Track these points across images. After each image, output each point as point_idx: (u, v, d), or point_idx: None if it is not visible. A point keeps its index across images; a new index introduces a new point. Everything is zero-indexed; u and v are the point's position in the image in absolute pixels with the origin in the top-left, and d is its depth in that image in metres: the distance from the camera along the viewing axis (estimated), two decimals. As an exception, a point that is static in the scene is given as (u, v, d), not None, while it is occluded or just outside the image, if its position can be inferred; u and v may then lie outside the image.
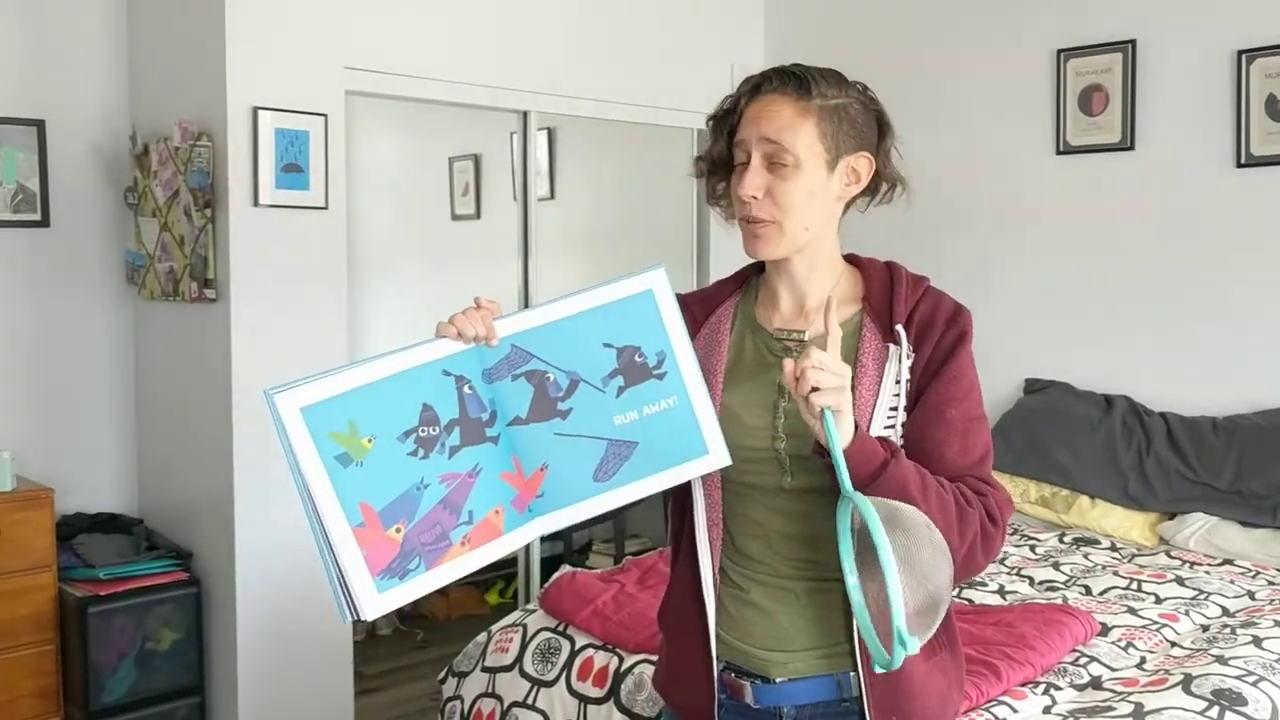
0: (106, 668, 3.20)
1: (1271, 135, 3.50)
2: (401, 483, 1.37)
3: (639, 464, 1.46)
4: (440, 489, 1.39)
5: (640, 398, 1.46)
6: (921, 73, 4.29)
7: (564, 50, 4.07)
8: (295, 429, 1.33)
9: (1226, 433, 3.46)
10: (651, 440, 1.46)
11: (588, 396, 1.46)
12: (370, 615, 1.35)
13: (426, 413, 1.40)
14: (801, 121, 1.47)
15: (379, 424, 1.37)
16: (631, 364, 1.46)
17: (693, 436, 1.46)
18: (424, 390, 1.40)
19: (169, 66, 3.47)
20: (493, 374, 1.44)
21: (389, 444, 1.37)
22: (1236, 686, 2.16)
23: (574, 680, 2.50)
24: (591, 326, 1.46)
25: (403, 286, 5.79)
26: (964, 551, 1.39)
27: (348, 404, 1.36)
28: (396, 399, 1.39)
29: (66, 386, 3.55)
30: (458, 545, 1.40)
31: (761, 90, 1.50)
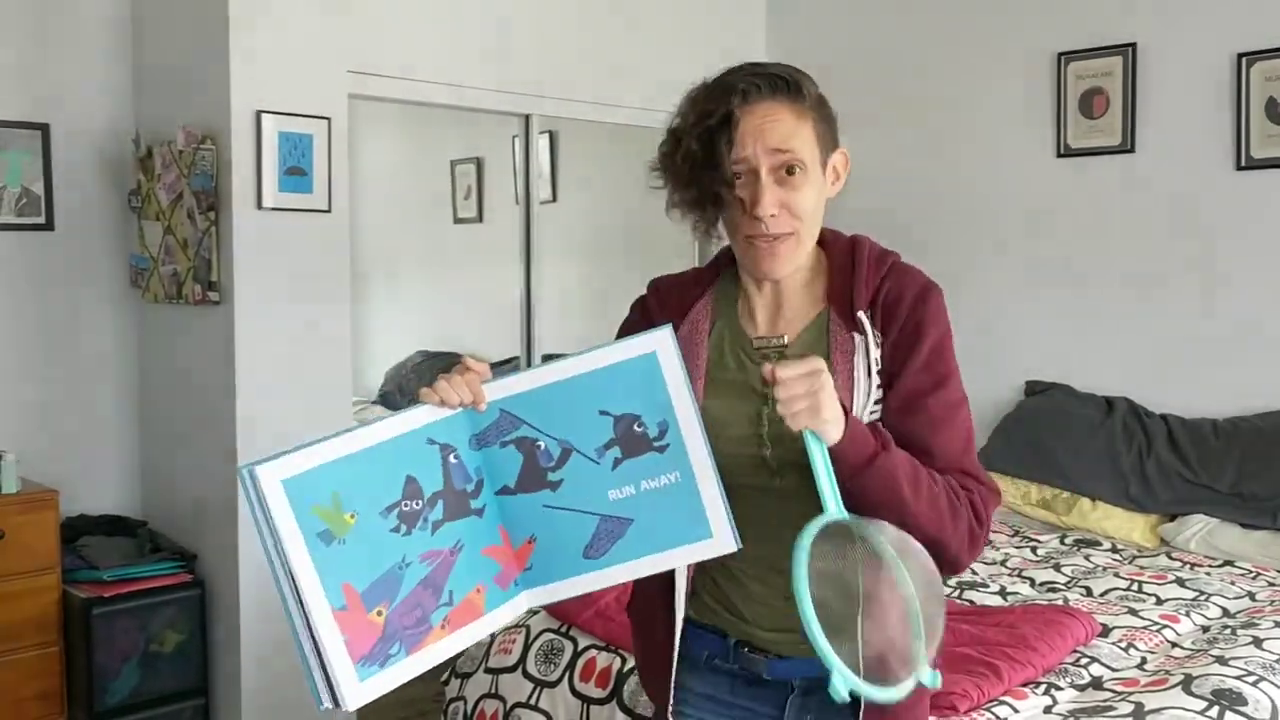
0: (110, 669, 3.21)
1: (1271, 138, 3.51)
2: (384, 561, 1.29)
3: (634, 543, 1.36)
4: (422, 568, 1.32)
5: (638, 471, 1.35)
6: (923, 77, 4.30)
7: (566, 54, 4.08)
8: (277, 503, 1.25)
9: (1227, 435, 3.47)
10: (649, 518, 1.36)
11: (580, 467, 1.36)
12: (352, 706, 1.28)
13: (410, 485, 1.32)
14: (801, 125, 1.42)
15: (362, 498, 1.29)
16: (630, 434, 1.35)
17: (695, 517, 1.36)
18: (408, 461, 1.32)
19: (172, 71, 3.48)
20: (481, 439, 1.37)
21: (372, 519, 1.30)
22: (1236, 686, 2.17)
23: (577, 681, 2.51)
24: (587, 392, 1.36)
25: (405, 289, 5.80)
26: (955, 543, 1.37)
27: (331, 475, 1.28)
28: (380, 471, 1.31)
29: (71, 389, 3.56)
30: (438, 628, 1.33)
31: (750, 97, 1.41)
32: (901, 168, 4.24)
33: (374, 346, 5.83)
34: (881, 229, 1.85)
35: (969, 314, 2.17)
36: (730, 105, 1.40)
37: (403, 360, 5.84)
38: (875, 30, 4.46)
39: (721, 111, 1.40)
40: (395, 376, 5.83)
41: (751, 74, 1.43)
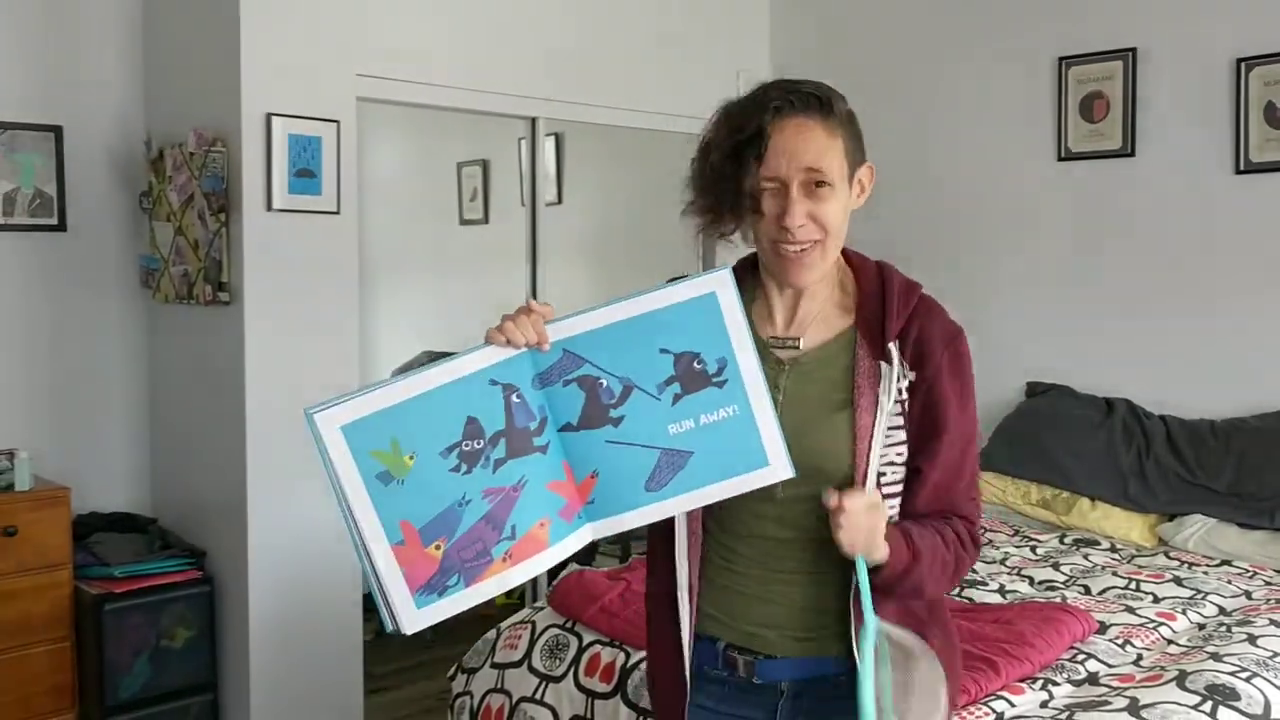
0: (121, 665, 3.25)
1: (1270, 142, 3.55)
2: (442, 500, 1.36)
3: (693, 474, 1.41)
4: (483, 504, 1.37)
5: (697, 406, 1.41)
6: (925, 80, 4.34)
7: (572, 57, 4.12)
8: (336, 448, 1.33)
9: (1225, 436, 3.50)
10: (708, 450, 1.41)
11: (641, 403, 1.41)
12: (409, 630, 1.36)
13: (471, 426, 1.37)
14: (832, 143, 1.47)
15: (421, 440, 1.35)
16: (690, 371, 1.41)
17: (753, 447, 1.41)
18: (469, 403, 1.37)
19: (184, 74, 3.52)
20: (544, 379, 1.41)
21: (431, 460, 1.36)
22: (1230, 682, 2.21)
23: (581, 676, 2.55)
24: (648, 331, 1.41)
25: (412, 290, 5.85)
26: (949, 588, 1.55)
27: (389, 420, 1.34)
28: (440, 413, 1.36)
29: (82, 388, 3.60)
30: (499, 561, 1.38)
31: (783, 113, 1.46)
32: (904, 170, 4.26)
33: (380, 346, 5.87)
34: (884, 232, 1.89)
35: (970, 316, 2.17)
36: (763, 121, 1.46)
37: (408, 360, 5.87)
38: (878, 35, 4.50)
39: (753, 127, 1.46)
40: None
41: (786, 91, 1.48)
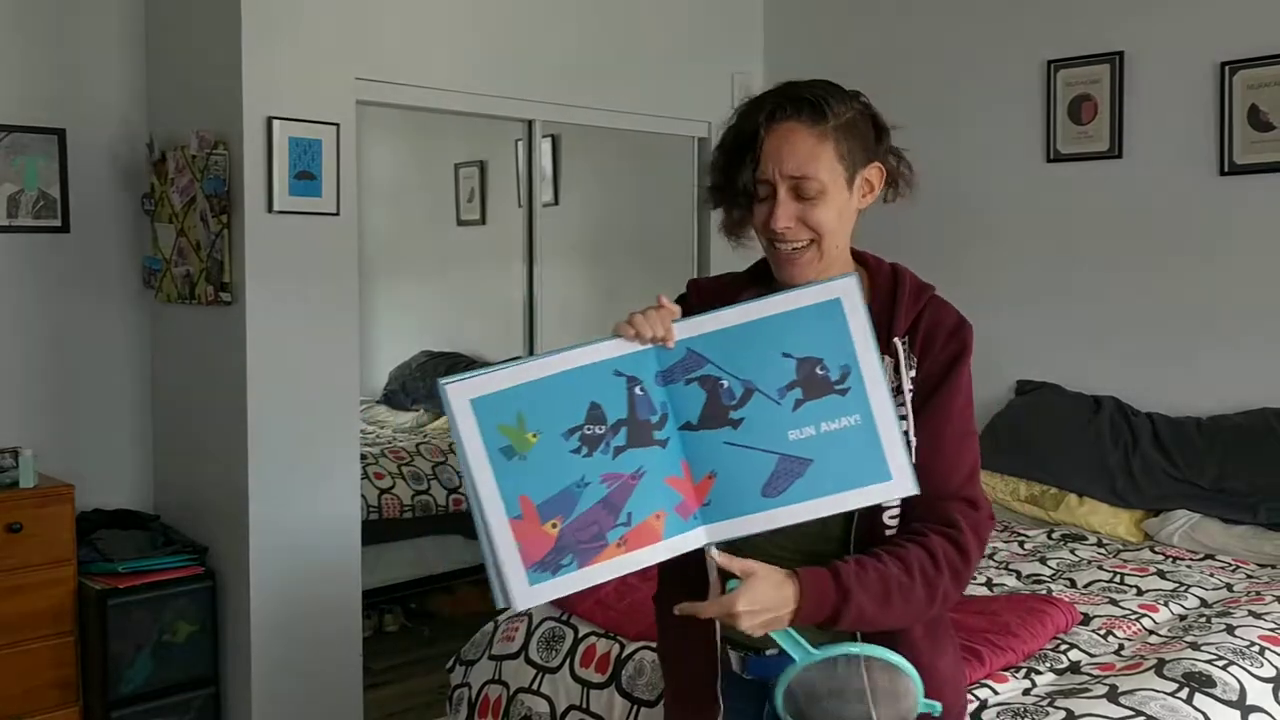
0: (124, 659, 3.29)
1: (1254, 144, 3.60)
2: (562, 479, 1.37)
3: (812, 483, 1.39)
4: (600, 488, 1.38)
5: (819, 413, 1.40)
6: (916, 82, 4.39)
7: (568, 60, 4.18)
8: (464, 419, 1.36)
9: (1210, 433, 3.56)
10: (828, 459, 1.39)
11: (762, 407, 1.40)
12: (521, 606, 1.37)
13: (594, 411, 1.39)
14: (821, 148, 1.51)
15: (545, 419, 1.38)
16: (812, 376, 1.40)
17: (875, 459, 1.39)
18: (593, 389, 1.39)
19: (186, 77, 3.57)
20: (667, 376, 1.42)
21: (553, 440, 1.38)
22: (1207, 670, 2.26)
23: (577, 667, 2.61)
24: (772, 334, 1.41)
25: (410, 290, 5.88)
26: (935, 608, 1.51)
27: (517, 397, 1.37)
28: (565, 396, 1.39)
29: (86, 387, 3.65)
30: (614, 546, 1.38)
31: (776, 117, 1.50)
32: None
33: (379, 347, 5.91)
34: (873, 234, 1.93)
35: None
36: (758, 123, 1.51)
37: (406, 360, 5.92)
38: (870, 38, 4.55)
39: (749, 129, 1.52)
40: (399, 376, 5.91)
41: (783, 95, 1.53)
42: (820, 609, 1.41)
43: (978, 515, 1.54)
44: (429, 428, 5.54)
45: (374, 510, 4.58)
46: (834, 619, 1.42)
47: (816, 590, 1.42)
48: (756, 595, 1.38)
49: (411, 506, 4.74)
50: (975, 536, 1.52)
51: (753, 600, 1.38)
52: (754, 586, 1.39)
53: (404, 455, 4.92)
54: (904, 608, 1.45)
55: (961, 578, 1.51)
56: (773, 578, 1.40)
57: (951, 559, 1.49)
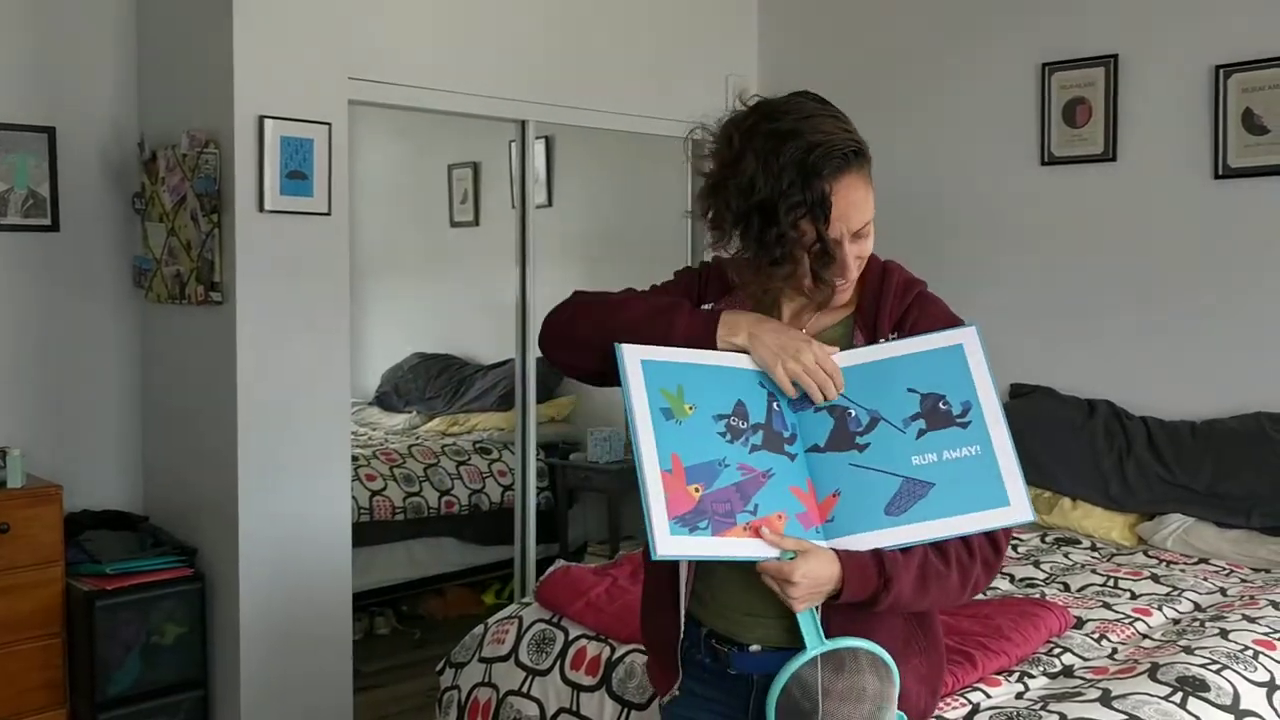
0: (112, 661, 3.27)
1: (1248, 148, 3.60)
2: (708, 452, 1.49)
3: (934, 504, 1.48)
4: (736, 473, 1.49)
5: (941, 442, 1.49)
6: (911, 85, 4.39)
7: (562, 61, 4.17)
8: (634, 376, 1.51)
9: (1204, 436, 3.56)
10: (949, 483, 1.48)
11: (887, 434, 1.51)
12: (661, 554, 1.45)
13: (739, 407, 1.52)
14: (869, 192, 1.57)
15: (701, 397, 1.52)
16: (935, 410, 1.50)
17: (993, 486, 1.47)
18: (742, 388, 1.53)
19: (177, 76, 3.56)
20: (797, 405, 1.55)
21: (705, 417, 1.51)
22: (1200, 674, 2.25)
23: (567, 669, 2.59)
24: (899, 372, 1.53)
25: (402, 292, 5.88)
26: (967, 596, 1.57)
27: (680, 372, 1.52)
28: (718, 385, 1.53)
29: (75, 387, 3.63)
30: (740, 527, 1.48)
31: (841, 173, 1.51)
32: (887, 175, 4.30)
33: (371, 348, 5.91)
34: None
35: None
36: (823, 189, 1.50)
37: (399, 362, 5.92)
38: (865, 40, 4.55)
39: (815, 196, 1.50)
40: (392, 378, 5.91)
41: (838, 149, 1.51)
42: (864, 588, 1.49)
43: None
44: (421, 430, 5.53)
45: (365, 512, 4.57)
46: (873, 600, 1.50)
47: (860, 573, 1.49)
48: (810, 568, 1.47)
49: (403, 508, 4.73)
50: (1004, 530, 1.56)
51: (807, 572, 1.47)
52: (809, 560, 1.47)
53: (396, 457, 4.91)
54: (939, 594, 1.53)
55: (992, 568, 1.57)
56: (824, 555, 1.49)
57: (984, 549, 1.55)
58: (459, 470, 4.98)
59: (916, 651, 1.62)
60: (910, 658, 1.61)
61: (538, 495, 4.51)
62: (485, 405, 5.40)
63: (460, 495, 4.92)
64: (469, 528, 4.92)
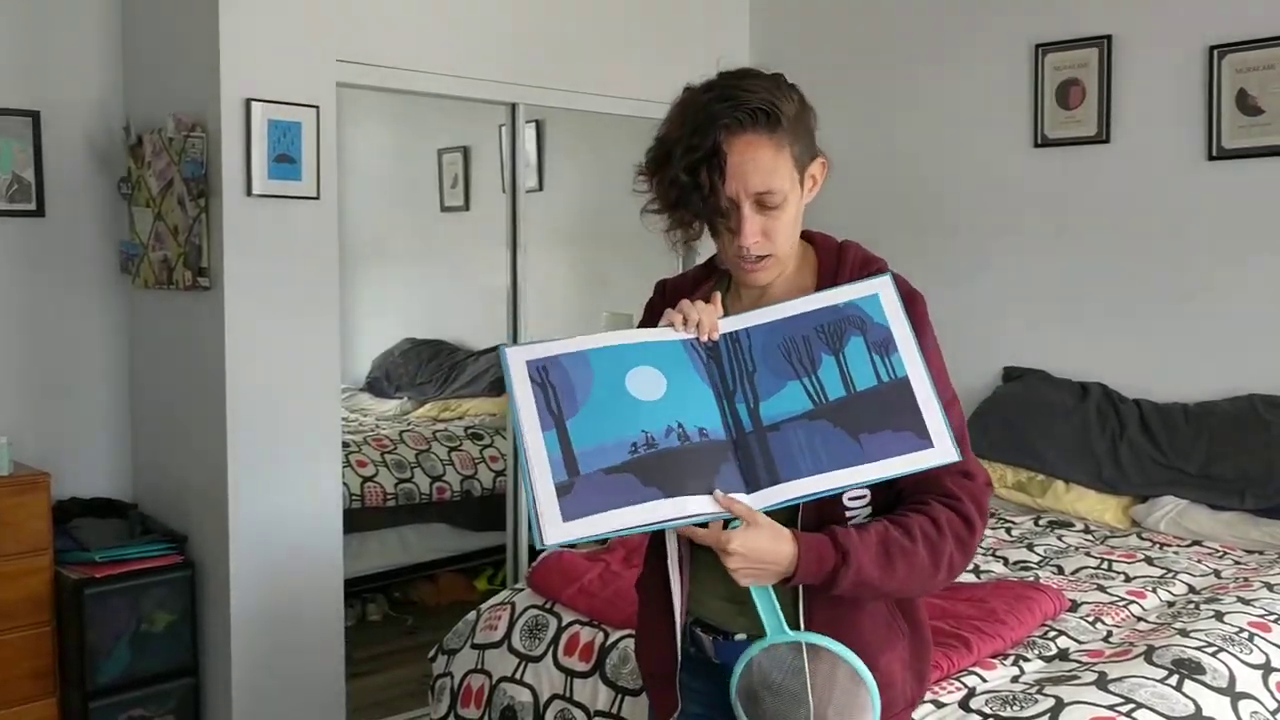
0: (102, 649, 3.25)
1: (1242, 129, 3.58)
2: (604, 436, 1.46)
3: (854, 451, 1.46)
4: (638, 451, 1.45)
5: (859, 384, 1.49)
6: (903, 67, 4.36)
7: (552, 43, 4.13)
8: (519, 376, 1.50)
9: (1197, 419, 3.55)
10: (869, 429, 1.46)
11: (801, 384, 1.49)
12: (550, 541, 1.41)
13: (636, 380, 1.50)
14: (779, 158, 1.51)
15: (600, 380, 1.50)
16: (849, 354, 1.50)
17: (916, 429, 1.46)
18: (635, 361, 1.51)
19: (163, 58, 3.52)
20: (710, 361, 1.52)
21: (598, 402, 1.48)
22: (1196, 656, 2.24)
23: (561, 655, 2.58)
24: (810, 322, 1.52)
25: (392, 277, 5.84)
26: (941, 577, 1.50)
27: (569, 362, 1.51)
28: (611, 367, 1.50)
29: (62, 373, 3.60)
30: (647, 504, 1.43)
31: (733, 130, 1.49)
32: (880, 158, 4.30)
33: (362, 334, 5.87)
34: (861, 219, 1.92)
35: (947, 302, 2.24)
36: (716, 138, 1.49)
37: (390, 348, 5.89)
38: (856, 21, 4.52)
39: (709, 145, 1.49)
40: (383, 364, 5.88)
41: (734, 105, 1.49)
42: (820, 567, 1.43)
43: (975, 485, 1.53)
44: (412, 415, 5.50)
45: (356, 498, 4.55)
46: (832, 579, 1.43)
47: (815, 549, 1.43)
48: (751, 540, 1.41)
49: (394, 495, 4.71)
50: (976, 505, 1.52)
51: (746, 543, 1.40)
52: (751, 532, 1.41)
53: (387, 443, 4.89)
54: (908, 572, 1.45)
55: (967, 546, 1.51)
56: (771, 530, 1.42)
57: (955, 525, 1.49)
58: (451, 456, 4.96)
59: (899, 636, 1.59)
60: (894, 644, 1.58)
61: (530, 481, 4.47)
62: (477, 390, 5.37)
63: (452, 481, 4.89)
64: (461, 513, 4.90)
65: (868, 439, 1.46)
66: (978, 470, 1.55)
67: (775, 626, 1.47)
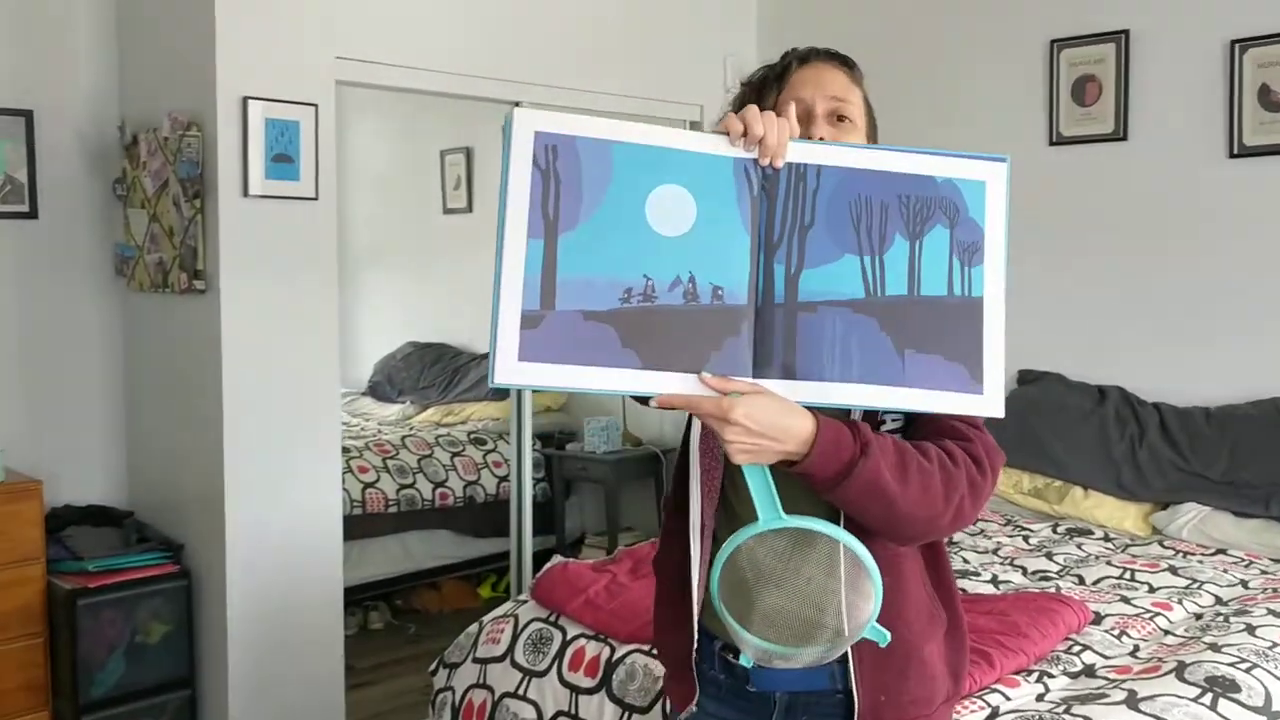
0: (95, 661, 3.18)
1: (1264, 125, 3.50)
2: (598, 266, 1.21)
3: (890, 366, 1.24)
4: (635, 300, 1.22)
5: (927, 281, 1.26)
6: (915, 64, 4.28)
7: (556, 41, 4.05)
8: (520, 148, 1.21)
9: (1219, 423, 3.46)
10: (921, 347, 1.25)
11: (857, 263, 1.25)
12: (499, 380, 1.21)
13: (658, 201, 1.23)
14: (853, 89, 1.51)
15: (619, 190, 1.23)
16: (928, 241, 1.26)
17: (973, 363, 1.26)
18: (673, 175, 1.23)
19: (158, 56, 3.44)
20: (763, 194, 1.26)
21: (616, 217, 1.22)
22: (1230, 673, 2.16)
23: (565, 670, 2.49)
24: (897, 186, 1.27)
25: (394, 279, 5.78)
26: (949, 515, 1.33)
27: (594, 149, 1.23)
28: (638, 173, 1.23)
29: (56, 378, 3.53)
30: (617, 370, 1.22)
31: (809, 60, 1.51)
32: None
33: (363, 337, 5.81)
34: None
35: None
36: (790, 60, 1.51)
37: (392, 352, 5.82)
38: (868, 19, 4.43)
39: (779, 66, 1.50)
40: (385, 368, 5.81)
41: (810, 48, 1.54)
42: (837, 456, 1.24)
43: (985, 436, 1.39)
44: (415, 420, 5.43)
45: (358, 505, 4.48)
46: (845, 474, 1.24)
47: (834, 433, 1.25)
48: (758, 408, 1.22)
49: (396, 501, 4.64)
50: (990, 459, 1.37)
51: (750, 413, 1.21)
52: (758, 399, 1.23)
53: (389, 449, 4.81)
54: (920, 493, 1.28)
55: (979, 492, 1.35)
56: (782, 402, 1.24)
57: (968, 466, 1.34)
58: (453, 461, 4.89)
59: (940, 627, 1.48)
60: (933, 637, 1.47)
61: (534, 486, 4.42)
62: (480, 395, 5.30)
63: (455, 487, 4.82)
64: (464, 520, 4.83)
65: (913, 359, 1.24)
66: (986, 432, 1.41)
67: (770, 512, 1.27)
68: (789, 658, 1.30)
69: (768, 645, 1.29)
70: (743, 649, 1.33)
